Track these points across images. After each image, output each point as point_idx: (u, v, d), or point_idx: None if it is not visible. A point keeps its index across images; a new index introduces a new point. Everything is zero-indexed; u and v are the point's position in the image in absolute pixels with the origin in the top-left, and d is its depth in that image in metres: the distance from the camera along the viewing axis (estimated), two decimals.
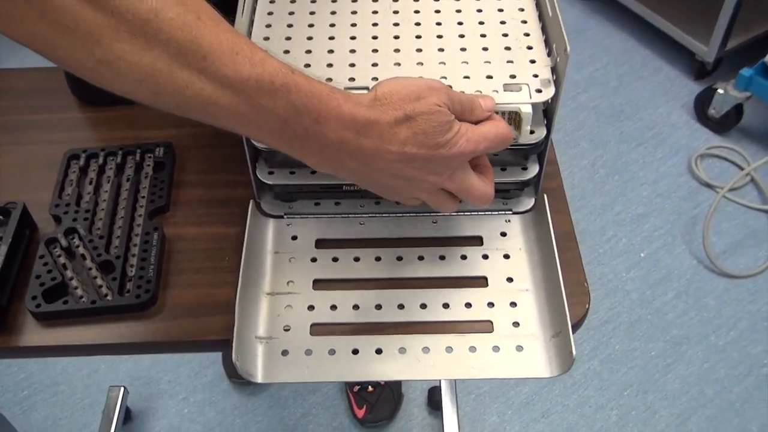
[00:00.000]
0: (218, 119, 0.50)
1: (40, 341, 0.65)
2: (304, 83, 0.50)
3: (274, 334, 0.64)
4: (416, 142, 0.54)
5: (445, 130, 0.55)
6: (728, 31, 1.89)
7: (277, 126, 0.51)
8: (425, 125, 0.54)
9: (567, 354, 0.60)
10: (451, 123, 0.55)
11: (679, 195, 1.82)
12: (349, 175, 0.56)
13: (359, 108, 0.52)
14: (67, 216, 0.71)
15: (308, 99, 0.50)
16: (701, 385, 1.51)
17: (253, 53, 0.49)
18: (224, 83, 0.48)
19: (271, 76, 0.49)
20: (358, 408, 1.45)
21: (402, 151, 0.54)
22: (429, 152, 0.55)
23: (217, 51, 0.47)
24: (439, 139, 0.54)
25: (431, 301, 0.66)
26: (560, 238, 0.68)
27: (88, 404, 1.51)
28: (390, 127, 0.53)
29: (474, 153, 0.57)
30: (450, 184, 0.58)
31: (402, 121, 0.53)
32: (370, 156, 0.54)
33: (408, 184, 0.57)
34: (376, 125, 0.52)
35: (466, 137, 0.56)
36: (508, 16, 0.68)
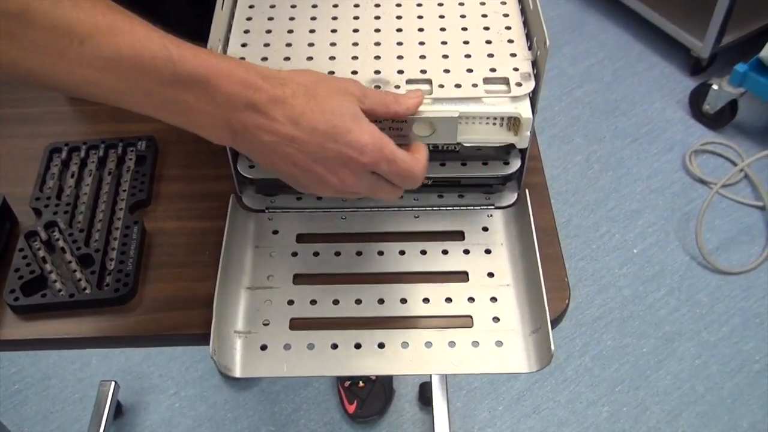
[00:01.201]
0: (109, 100, 0.50)
1: (18, 335, 0.64)
2: (188, 54, 0.49)
3: (253, 329, 0.64)
4: (311, 121, 0.51)
5: (346, 114, 0.52)
6: (723, 26, 1.88)
7: (167, 101, 0.50)
8: (325, 104, 0.51)
9: (546, 350, 0.60)
10: (357, 112, 0.53)
11: (672, 191, 1.82)
12: (246, 152, 0.54)
13: (252, 75, 0.50)
14: (47, 209, 0.71)
15: (195, 68, 0.49)
16: (693, 381, 1.51)
17: (134, 32, 0.48)
18: (105, 66, 0.47)
19: (153, 52, 0.48)
20: (349, 403, 1.45)
21: (292, 131, 0.51)
22: (321, 139, 0.51)
23: (96, 35, 0.47)
24: (336, 123, 0.51)
25: (411, 296, 0.66)
26: (542, 233, 0.68)
27: (79, 398, 1.51)
28: (285, 99, 0.51)
29: (378, 167, 0.53)
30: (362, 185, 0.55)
31: (299, 95, 0.51)
32: (262, 130, 0.51)
33: (305, 175, 0.54)
34: (271, 97, 0.50)
35: (375, 140, 0.52)
36: (489, 9, 0.67)
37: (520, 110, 0.60)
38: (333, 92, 0.52)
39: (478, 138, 0.62)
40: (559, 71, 2.08)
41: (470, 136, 0.62)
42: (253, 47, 0.64)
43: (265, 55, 0.63)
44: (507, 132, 0.62)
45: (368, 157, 0.52)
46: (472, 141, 0.62)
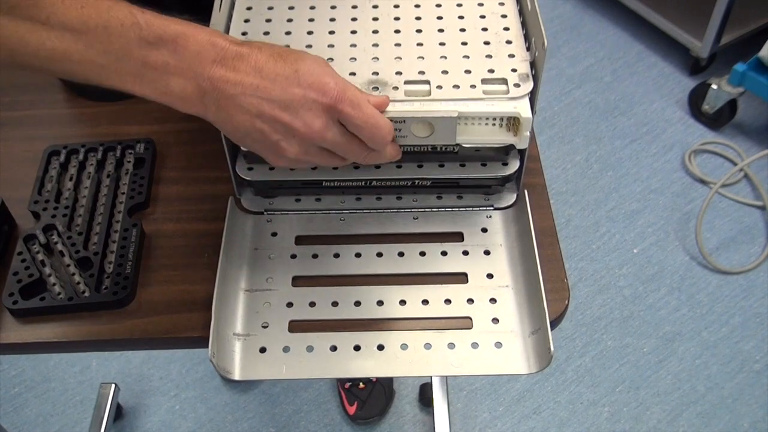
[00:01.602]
0: (82, 73, 0.51)
1: (17, 338, 0.64)
2: (156, 20, 0.51)
3: (252, 331, 0.64)
4: (274, 68, 0.52)
5: (307, 60, 0.53)
6: (722, 26, 1.88)
7: (136, 67, 0.51)
8: (289, 57, 0.53)
9: (545, 351, 0.60)
10: (319, 60, 0.54)
11: (672, 191, 1.82)
12: (214, 114, 0.54)
13: (218, 36, 0.52)
14: (46, 212, 0.71)
15: (163, 30, 0.51)
16: (693, 381, 1.51)
17: (100, 2, 0.50)
18: (73, 37, 0.49)
19: (120, 19, 0.50)
20: (350, 405, 1.45)
21: (256, 80, 0.52)
22: (283, 83, 0.52)
23: (61, 7, 0.49)
24: (299, 66, 0.52)
25: (411, 298, 0.66)
26: (541, 234, 0.68)
27: (79, 401, 1.50)
28: (250, 53, 0.52)
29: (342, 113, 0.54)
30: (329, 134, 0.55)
31: (265, 51, 0.52)
32: (228, 83, 0.52)
33: (272, 128, 0.54)
34: (237, 53, 0.52)
35: (338, 80, 0.53)
36: (487, 10, 0.67)
37: (519, 110, 0.60)
38: (297, 50, 0.54)
39: (477, 139, 0.62)
40: (558, 71, 2.08)
41: (469, 137, 0.62)
42: None
43: None
44: (506, 132, 0.62)
45: (330, 97, 0.53)
46: (471, 142, 0.62)
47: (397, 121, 0.59)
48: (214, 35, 0.52)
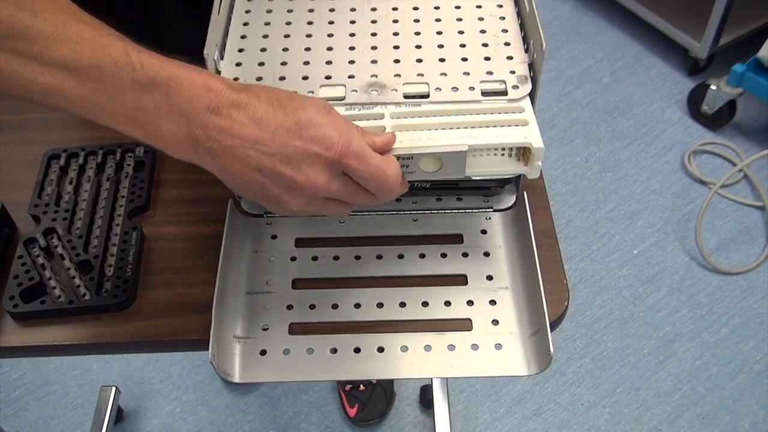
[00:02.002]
0: (75, 110, 0.50)
1: (18, 341, 0.64)
2: (151, 60, 0.48)
3: (252, 334, 0.64)
4: (274, 119, 0.49)
5: (308, 108, 0.50)
6: (721, 27, 1.88)
7: (129, 109, 0.49)
8: (288, 105, 0.50)
9: (545, 352, 0.60)
10: (319, 106, 0.51)
11: (672, 191, 1.82)
12: (209, 163, 0.51)
13: (214, 80, 0.49)
14: (46, 216, 0.71)
15: (156, 73, 0.48)
16: (693, 382, 1.51)
17: (95, 40, 0.48)
18: (66, 74, 0.47)
19: (114, 59, 0.48)
20: (350, 407, 1.45)
21: (255, 131, 0.49)
22: (284, 137, 0.49)
23: (56, 43, 0.47)
24: (300, 117, 0.50)
25: (410, 300, 0.66)
26: (541, 235, 0.68)
27: (80, 404, 1.50)
28: (248, 101, 0.49)
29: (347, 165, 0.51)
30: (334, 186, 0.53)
31: (263, 99, 0.50)
32: (224, 134, 0.49)
33: (273, 182, 0.51)
34: (234, 100, 0.49)
35: (341, 132, 0.50)
36: (486, 12, 0.67)
37: (530, 140, 0.58)
38: (297, 96, 0.52)
39: (487, 170, 0.60)
40: (557, 72, 2.08)
41: (479, 168, 0.59)
42: (249, 52, 0.64)
43: (261, 60, 0.63)
44: (516, 162, 0.60)
45: (335, 151, 0.50)
46: (481, 174, 0.60)
47: (405, 158, 0.57)
48: (210, 79, 0.49)
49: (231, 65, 0.63)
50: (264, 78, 0.62)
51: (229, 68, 0.63)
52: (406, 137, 0.57)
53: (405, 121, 0.59)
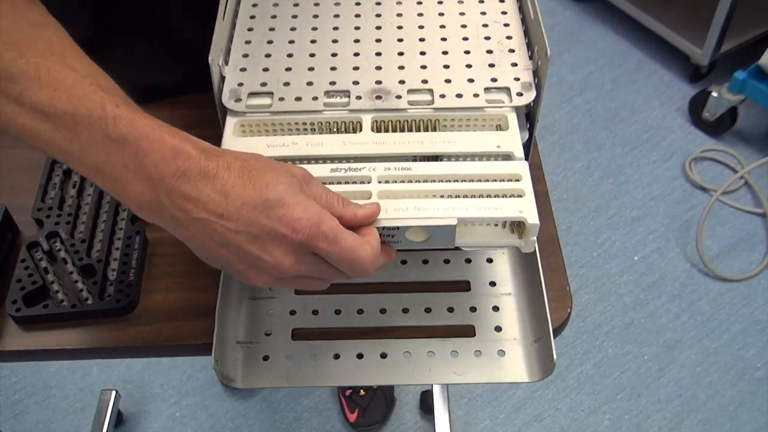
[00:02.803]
0: (50, 153, 0.49)
1: (20, 345, 0.64)
2: (126, 116, 0.47)
3: (255, 339, 0.64)
4: (241, 195, 0.47)
5: (277, 186, 0.48)
6: (722, 34, 1.89)
7: (98, 162, 0.48)
8: (258, 180, 0.47)
9: (548, 359, 0.60)
10: (293, 188, 0.48)
11: (673, 198, 1.82)
12: (174, 230, 0.50)
13: (186, 144, 0.47)
14: (49, 220, 0.71)
15: (128, 130, 0.47)
16: (694, 388, 1.51)
17: (75, 89, 0.47)
18: (42, 118, 0.47)
19: (90, 110, 0.47)
20: (350, 412, 1.45)
21: (222, 204, 0.47)
22: (251, 213, 0.47)
23: (35, 87, 0.46)
24: (268, 196, 0.47)
25: (413, 306, 0.66)
26: (544, 242, 0.68)
27: (80, 408, 1.50)
28: (216, 171, 0.47)
29: (317, 247, 0.48)
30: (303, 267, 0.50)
31: (233, 169, 0.47)
32: (188, 203, 0.47)
33: (238, 258, 0.49)
34: (203, 168, 0.47)
35: (310, 214, 0.47)
36: (490, 19, 0.67)
37: (525, 215, 0.53)
38: (271, 168, 0.49)
39: (478, 242, 0.56)
40: (558, 79, 2.08)
41: (469, 239, 0.56)
42: (254, 57, 0.64)
43: (266, 65, 0.63)
44: (510, 234, 0.56)
45: (302, 234, 0.47)
46: (471, 245, 0.56)
47: (391, 228, 0.54)
48: (181, 143, 0.47)
49: (235, 70, 0.63)
50: (268, 83, 0.62)
51: (234, 74, 0.63)
52: (392, 206, 0.54)
53: (393, 187, 0.56)
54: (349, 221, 0.51)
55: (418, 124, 0.61)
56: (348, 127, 0.60)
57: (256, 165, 0.48)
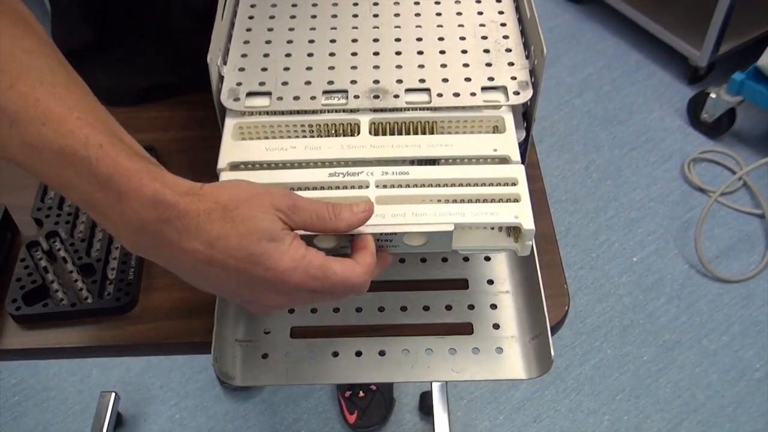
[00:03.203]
0: (42, 180, 0.49)
1: (20, 344, 0.65)
2: (108, 158, 0.46)
3: (253, 337, 0.64)
4: (226, 247, 0.47)
5: (263, 238, 0.47)
6: (721, 35, 1.89)
7: (84, 199, 0.48)
8: (241, 227, 0.47)
9: (546, 356, 0.60)
10: (275, 234, 0.48)
11: (671, 199, 1.82)
12: (163, 264, 0.50)
13: (166, 190, 0.47)
14: (48, 219, 0.71)
15: (111, 174, 0.47)
16: (693, 389, 1.51)
17: (61, 124, 0.46)
18: (30, 152, 0.47)
19: (74, 148, 0.46)
20: (350, 413, 1.45)
21: (209, 253, 0.47)
22: (240, 264, 0.47)
23: (22, 121, 0.46)
24: (253, 250, 0.47)
25: (411, 304, 0.66)
26: (541, 240, 0.68)
27: (79, 410, 1.50)
28: (198, 221, 0.47)
29: (307, 287, 0.49)
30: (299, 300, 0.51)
31: (215, 218, 0.47)
32: (175, 248, 0.47)
33: (233, 297, 0.51)
34: (183, 215, 0.47)
35: (297, 262, 0.48)
36: (487, 19, 0.68)
37: (521, 220, 0.54)
38: (254, 210, 0.48)
39: (475, 245, 0.57)
40: (557, 80, 2.09)
41: (466, 243, 0.56)
42: (253, 57, 0.64)
43: (264, 65, 0.64)
44: (506, 238, 0.57)
45: (294, 282, 0.48)
46: (468, 248, 0.57)
47: (388, 234, 0.54)
48: (160, 189, 0.47)
49: (234, 70, 0.63)
50: (267, 83, 0.62)
51: (232, 73, 0.63)
52: (390, 211, 0.54)
53: (390, 192, 0.56)
54: (345, 231, 0.52)
55: (415, 127, 0.61)
56: (346, 129, 0.61)
57: (240, 210, 0.48)
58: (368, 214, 0.52)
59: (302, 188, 0.56)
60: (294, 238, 0.49)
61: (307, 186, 0.56)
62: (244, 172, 0.58)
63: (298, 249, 0.48)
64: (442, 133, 0.61)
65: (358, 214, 0.51)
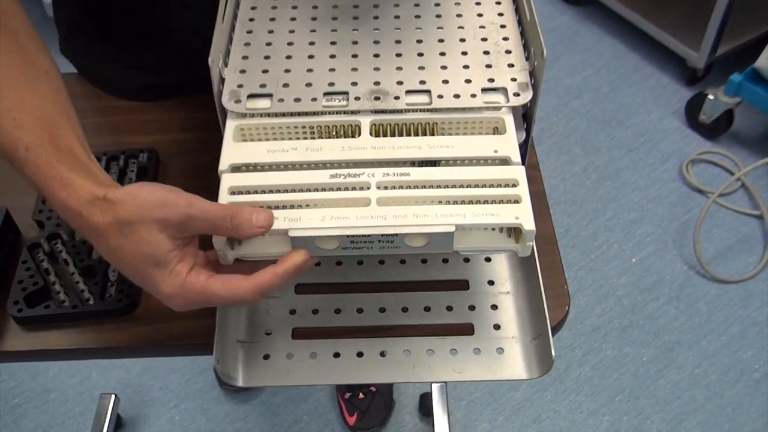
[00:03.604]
0: None
1: (22, 346, 0.65)
2: (31, 162, 0.51)
3: (255, 338, 0.65)
4: (123, 258, 0.51)
5: (147, 262, 0.50)
6: (718, 37, 1.90)
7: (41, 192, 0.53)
8: (131, 246, 0.50)
9: (547, 356, 0.60)
10: (159, 259, 0.50)
11: (670, 200, 1.83)
12: None
13: (71, 200, 0.51)
14: (50, 221, 0.72)
15: (33, 177, 0.51)
16: (692, 390, 1.51)
17: (15, 121, 0.51)
18: None
19: (8, 148, 0.51)
20: (350, 415, 1.45)
21: (112, 258, 0.52)
22: (136, 276, 0.52)
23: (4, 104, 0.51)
24: (139, 269, 0.51)
25: (412, 305, 0.67)
26: (541, 241, 0.69)
27: (79, 412, 1.50)
28: (98, 232, 0.51)
29: (184, 306, 0.52)
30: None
31: (111, 231, 0.50)
32: (96, 244, 0.52)
33: None
34: (87, 224, 0.51)
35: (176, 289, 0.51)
36: (487, 20, 0.68)
37: (522, 221, 0.54)
38: (142, 231, 0.50)
39: (476, 246, 0.57)
40: (556, 82, 2.09)
41: (467, 244, 0.57)
42: (253, 60, 0.65)
43: (265, 67, 0.64)
44: (507, 239, 0.57)
45: (178, 305, 0.52)
46: (469, 249, 0.57)
47: (390, 234, 0.54)
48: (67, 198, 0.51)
49: (235, 72, 0.64)
50: (267, 85, 0.62)
51: (233, 75, 0.63)
52: (391, 212, 0.54)
53: (392, 193, 0.56)
54: (246, 237, 0.53)
55: (416, 128, 0.61)
56: (347, 131, 0.61)
57: (132, 222, 0.50)
58: (265, 230, 0.53)
59: (303, 189, 0.57)
60: (178, 262, 0.51)
61: (309, 187, 0.57)
62: (245, 174, 0.58)
63: (177, 276, 0.51)
64: (442, 134, 0.61)
65: (253, 229, 0.52)
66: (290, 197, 0.56)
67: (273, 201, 0.56)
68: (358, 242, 0.55)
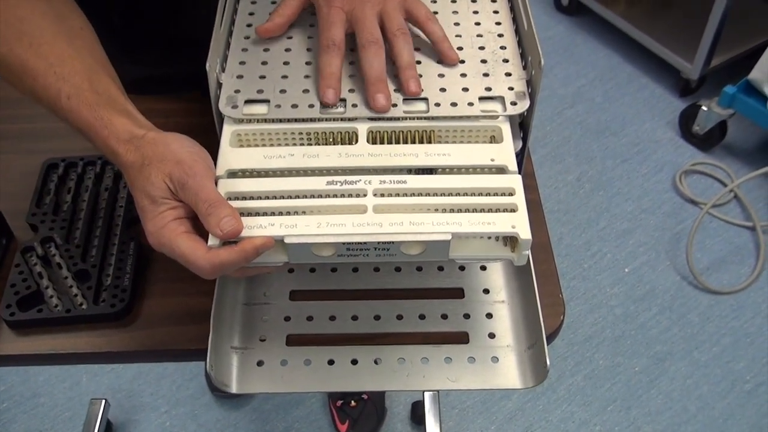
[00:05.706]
0: None
1: (14, 350, 0.64)
2: (74, 109, 0.57)
3: (249, 345, 0.64)
4: (133, 190, 0.56)
5: (145, 196, 0.55)
6: (712, 49, 1.91)
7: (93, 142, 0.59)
8: (140, 181, 0.55)
9: (541, 365, 0.60)
10: (154, 198, 0.55)
11: (663, 211, 1.83)
12: None
13: (111, 139, 0.57)
14: (44, 225, 0.71)
15: (77, 122, 0.58)
16: (684, 401, 1.52)
17: (41, 79, 0.58)
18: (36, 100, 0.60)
19: (53, 100, 0.58)
20: (341, 423, 1.45)
21: (132, 186, 0.57)
22: (138, 206, 0.56)
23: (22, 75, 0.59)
24: (138, 201, 0.56)
25: (407, 312, 0.66)
26: (536, 249, 0.68)
27: (68, 417, 1.49)
28: (127, 167, 0.56)
29: (156, 246, 0.55)
30: None
31: (135, 168, 0.56)
32: (126, 178, 0.58)
33: None
34: (122, 162, 0.57)
35: (155, 229, 0.55)
36: (484, 29, 0.68)
37: (518, 230, 0.54)
38: (153, 172, 0.55)
39: (472, 255, 0.57)
40: (550, 92, 2.10)
41: (463, 252, 0.57)
42: (250, 66, 0.65)
43: (263, 73, 0.64)
44: (503, 247, 0.57)
45: (152, 243, 0.55)
46: (465, 258, 0.57)
47: (386, 242, 0.54)
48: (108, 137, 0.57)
49: (232, 78, 0.63)
50: (265, 90, 0.62)
51: (230, 81, 0.63)
52: (388, 220, 0.54)
53: (388, 201, 0.56)
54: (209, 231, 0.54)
55: (413, 136, 0.61)
56: (344, 138, 0.61)
57: (150, 163, 0.55)
58: (224, 237, 0.53)
59: (299, 196, 0.57)
60: (169, 208, 0.55)
61: (305, 194, 0.57)
62: (241, 180, 0.58)
63: (161, 219, 0.55)
64: (439, 142, 0.61)
65: (216, 228, 0.53)
66: (286, 203, 0.56)
67: (269, 207, 0.55)
68: (354, 249, 0.55)
